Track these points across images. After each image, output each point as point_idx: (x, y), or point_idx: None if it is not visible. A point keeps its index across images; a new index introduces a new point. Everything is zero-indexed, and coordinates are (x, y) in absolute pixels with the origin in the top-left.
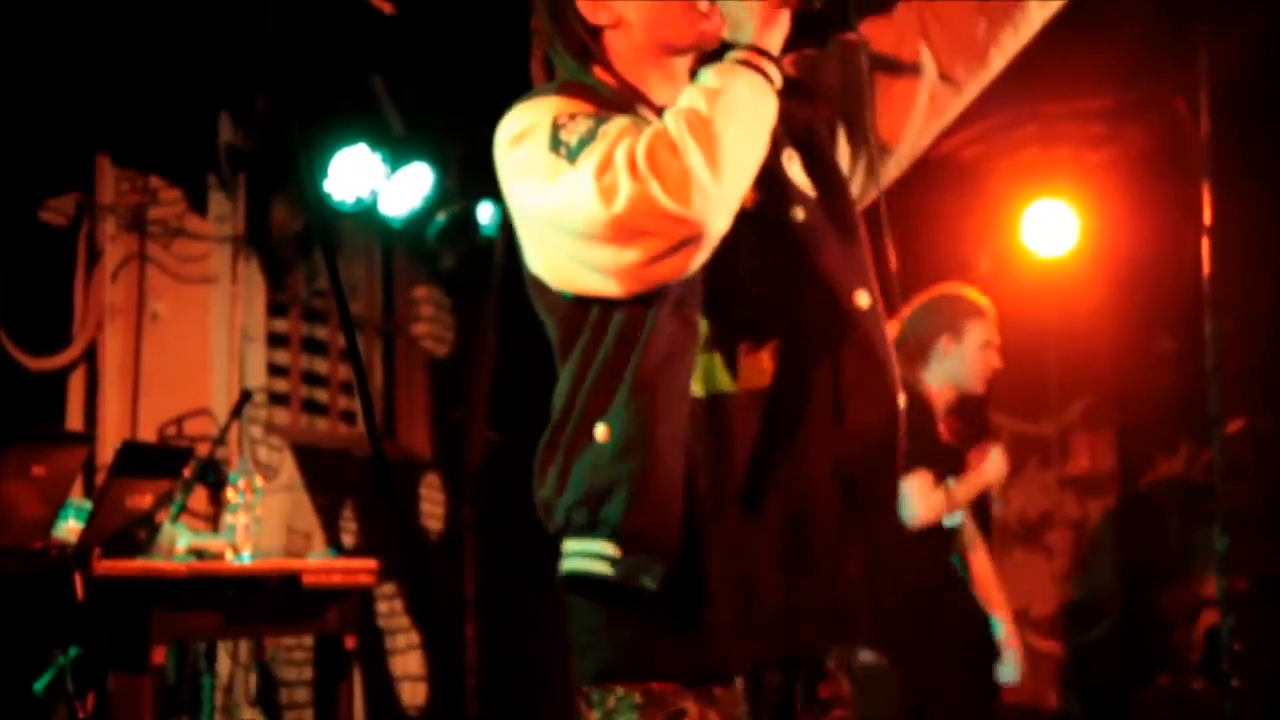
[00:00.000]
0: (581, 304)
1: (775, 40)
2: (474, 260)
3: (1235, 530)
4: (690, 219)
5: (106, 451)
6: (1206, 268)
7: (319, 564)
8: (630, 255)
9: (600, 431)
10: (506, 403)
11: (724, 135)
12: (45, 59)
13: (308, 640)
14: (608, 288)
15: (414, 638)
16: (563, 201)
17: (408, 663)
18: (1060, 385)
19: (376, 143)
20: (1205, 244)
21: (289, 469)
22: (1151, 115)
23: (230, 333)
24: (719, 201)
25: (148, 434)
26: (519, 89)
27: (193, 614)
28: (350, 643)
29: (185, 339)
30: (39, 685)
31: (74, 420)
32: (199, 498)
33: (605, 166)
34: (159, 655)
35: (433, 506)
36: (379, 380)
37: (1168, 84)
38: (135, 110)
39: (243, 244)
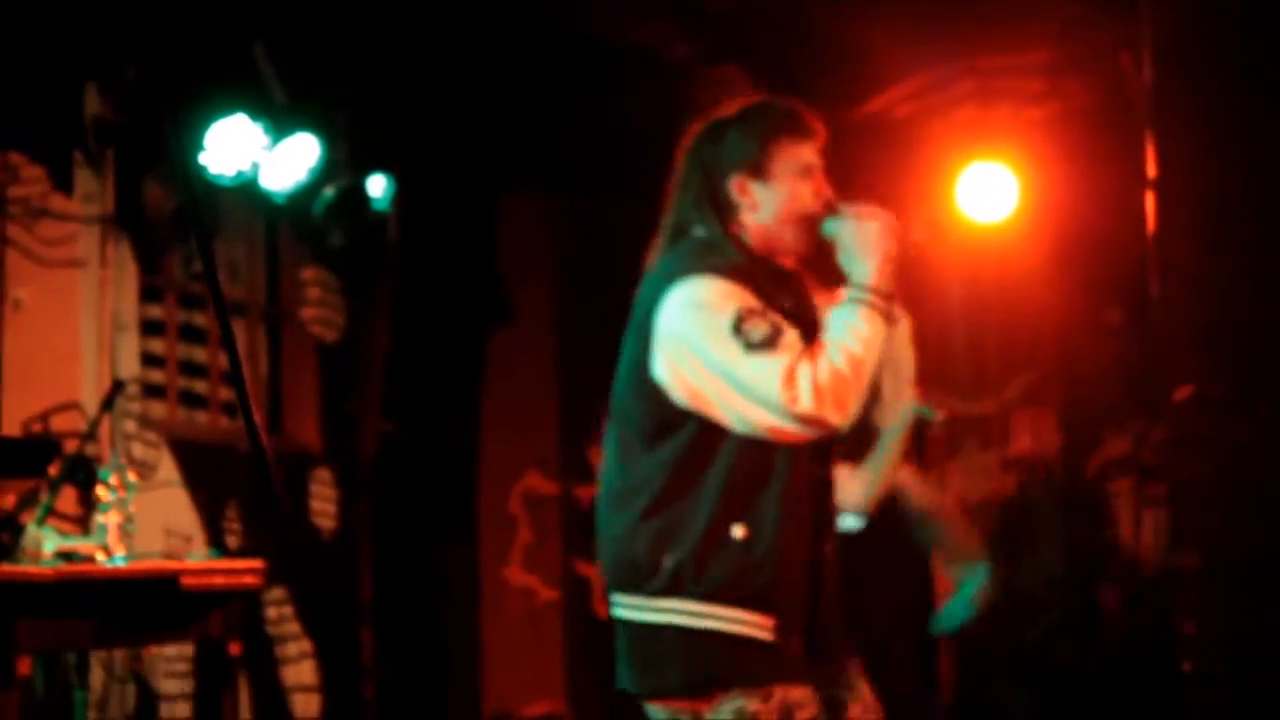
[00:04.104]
0: (689, 416)
1: (891, 280)
2: (365, 238)
3: (1184, 504)
4: (838, 429)
5: None
6: (1151, 224)
7: (199, 565)
8: (775, 425)
9: (739, 531)
10: (401, 391)
11: (866, 371)
12: None
13: (189, 650)
14: (736, 426)
15: (305, 645)
16: (751, 377)
17: (300, 672)
18: (1000, 360)
19: (257, 113)
20: (1150, 199)
21: (166, 466)
22: (1093, 69)
23: (100, 320)
24: (854, 417)
25: (11, 429)
26: (408, 54)
27: (62, 622)
28: (235, 649)
29: (51, 328)
30: None
31: None
32: (67, 498)
33: (790, 376)
34: (24, 667)
35: (323, 504)
36: (264, 368)
37: (1110, 36)
38: None
39: (112, 225)
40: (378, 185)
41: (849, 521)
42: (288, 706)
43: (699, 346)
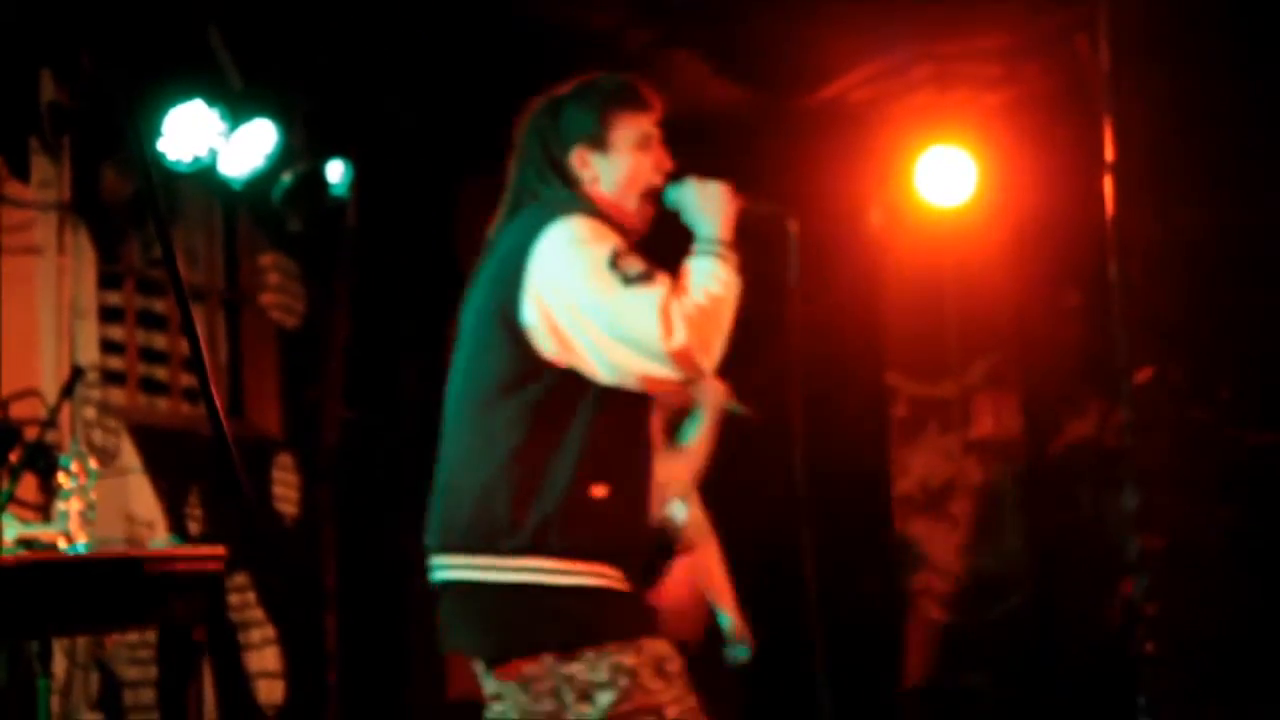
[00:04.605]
0: (550, 367)
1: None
2: (323, 223)
3: (1147, 487)
4: (703, 370)
5: None
6: (1110, 208)
7: (161, 551)
8: (647, 368)
9: (599, 490)
10: (363, 377)
11: (727, 314)
12: None
13: (151, 636)
14: (603, 374)
15: (269, 631)
16: (625, 310)
17: (263, 658)
18: (961, 344)
19: (214, 98)
20: (1108, 183)
21: (127, 452)
22: (1050, 53)
23: (58, 307)
24: (717, 359)
25: None
26: (366, 39)
27: (24, 609)
28: (198, 636)
29: (9, 315)
30: None
31: None
32: (28, 485)
33: (665, 309)
34: None
35: (286, 490)
36: (224, 355)
37: (1067, 19)
38: None
39: (69, 211)
40: (336, 171)
41: (677, 510)
42: (251, 693)
43: (575, 283)
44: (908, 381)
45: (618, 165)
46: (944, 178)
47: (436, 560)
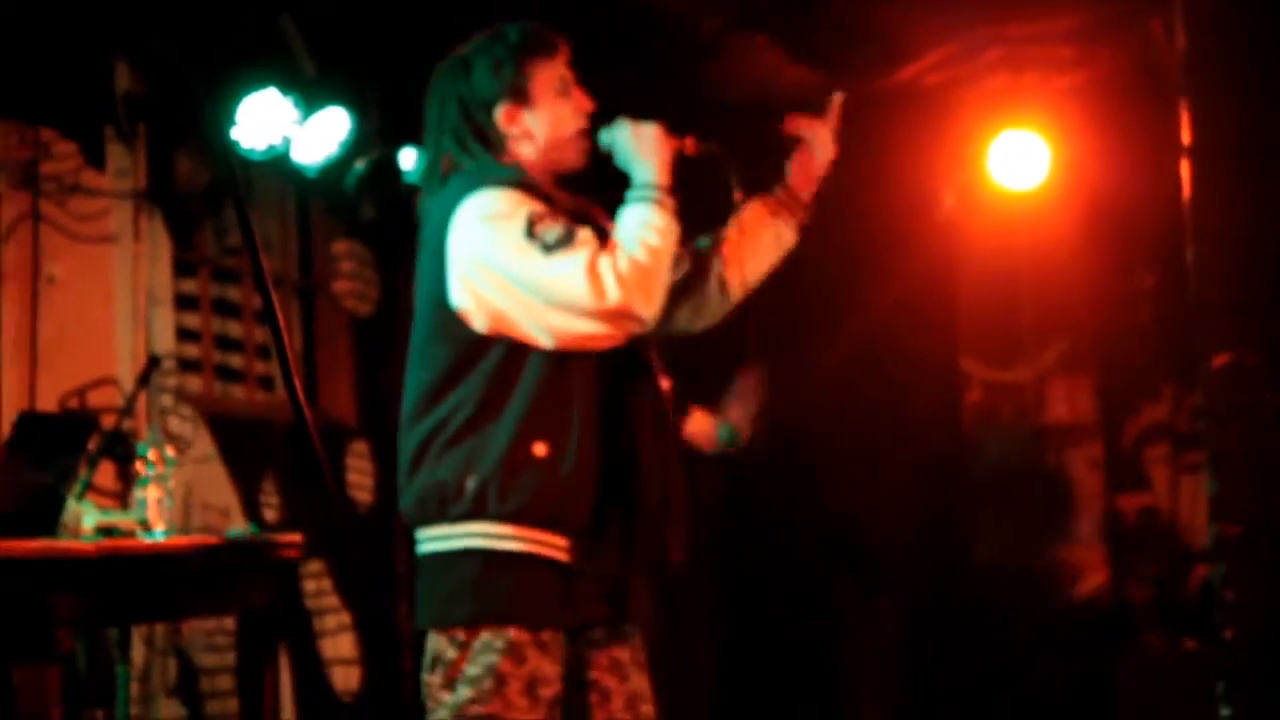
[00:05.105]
0: (491, 342)
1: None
2: (396, 211)
3: (1223, 473)
4: (646, 322)
5: (2, 426)
6: (1186, 192)
7: (238, 539)
8: (585, 328)
9: (540, 449)
10: None
11: (666, 262)
12: None
13: (229, 623)
14: (542, 341)
15: (345, 618)
16: (551, 278)
17: (339, 645)
18: (1034, 329)
19: (287, 86)
20: (1185, 167)
21: (203, 440)
22: (1123, 35)
23: (134, 295)
24: (660, 309)
25: (48, 406)
26: (438, 25)
27: (103, 597)
28: (275, 624)
29: (85, 303)
30: None
31: None
32: (106, 473)
33: (593, 268)
34: (66, 642)
35: (360, 476)
36: (298, 342)
37: (1140, 1)
38: (23, 58)
39: (145, 200)
40: (409, 158)
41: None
42: (328, 679)
43: (496, 259)
44: (981, 367)
45: (544, 116)
46: (1017, 161)
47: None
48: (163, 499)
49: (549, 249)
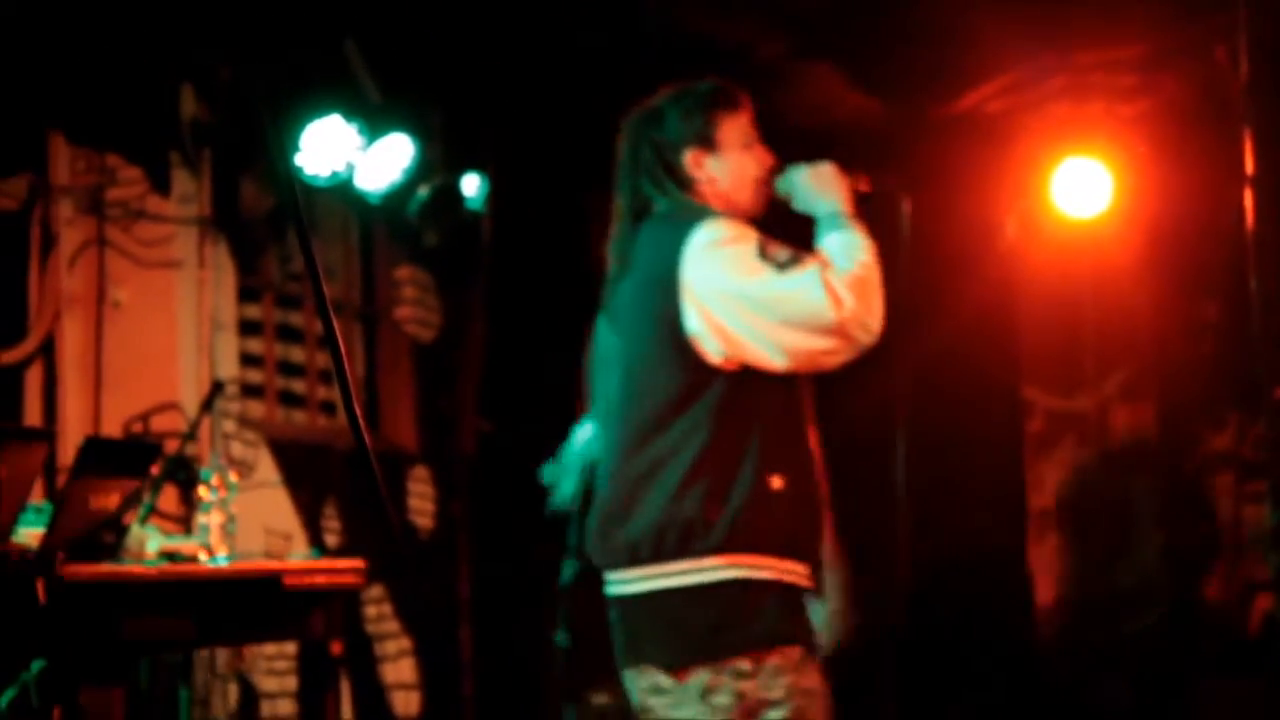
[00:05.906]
0: (719, 372)
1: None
2: (459, 237)
3: None
4: (875, 337)
5: (68, 450)
6: (1250, 222)
7: (300, 565)
8: (819, 344)
9: (776, 482)
10: (497, 389)
11: (879, 280)
12: None
13: (290, 648)
14: (775, 362)
15: (405, 643)
16: (788, 294)
17: (399, 670)
18: (1097, 356)
19: (351, 113)
20: (1249, 196)
21: (265, 465)
22: (1187, 64)
23: (198, 321)
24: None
25: (112, 430)
26: (501, 53)
27: (165, 620)
28: (336, 649)
29: (150, 328)
30: (1, 702)
31: (32, 417)
32: (169, 497)
33: (827, 282)
34: (131, 666)
35: (421, 502)
36: (360, 368)
37: (1204, 29)
38: (90, 84)
39: (209, 225)
40: (471, 184)
41: None
42: (388, 704)
43: (731, 281)
44: (1044, 395)
45: (728, 164)
46: (1080, 189)
47: (613, 577)
48: (225, 524)
49: (782, 267)
